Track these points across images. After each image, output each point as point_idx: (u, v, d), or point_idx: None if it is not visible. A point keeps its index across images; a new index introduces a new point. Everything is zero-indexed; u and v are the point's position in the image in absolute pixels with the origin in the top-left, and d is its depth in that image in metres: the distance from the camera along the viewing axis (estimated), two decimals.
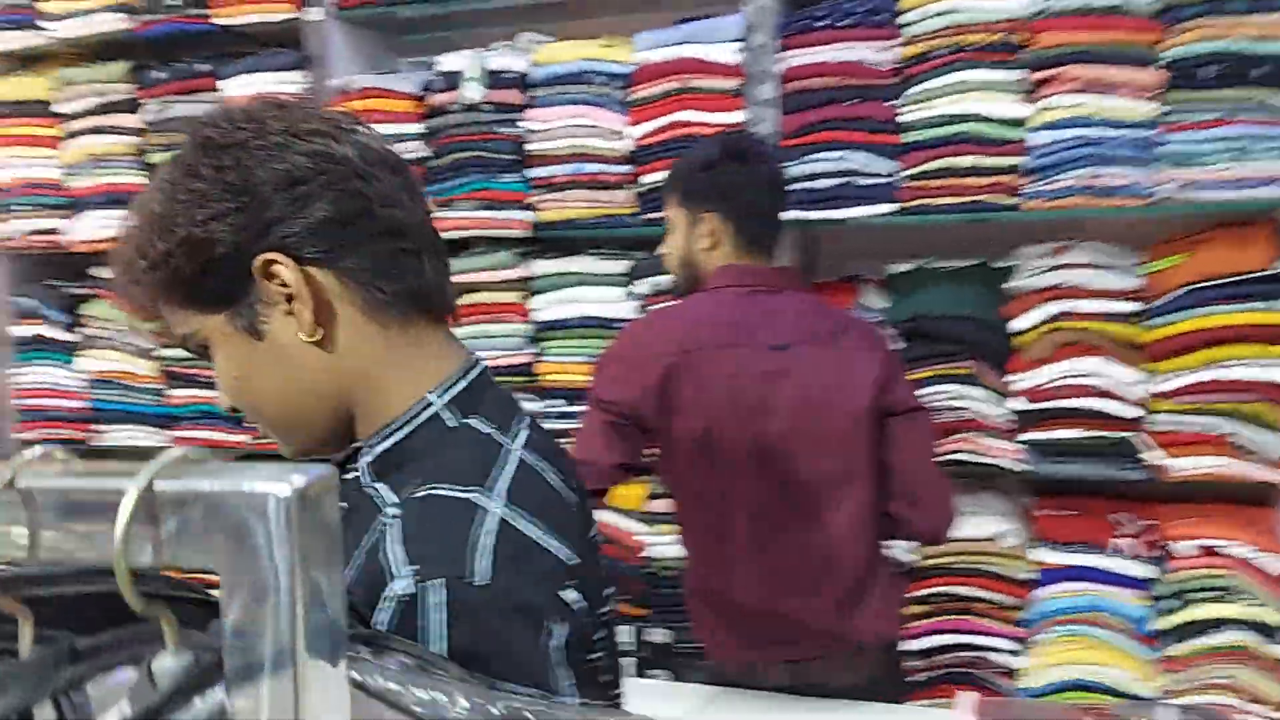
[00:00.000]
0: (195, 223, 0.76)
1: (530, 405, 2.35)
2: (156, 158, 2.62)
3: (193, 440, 2.70)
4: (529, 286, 2.37)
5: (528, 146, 2.32)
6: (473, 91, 2.32)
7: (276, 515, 0.37)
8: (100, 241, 2.68)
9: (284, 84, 2.48)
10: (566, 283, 2.33)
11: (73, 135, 2.68)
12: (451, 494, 0.75)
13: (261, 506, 0.37)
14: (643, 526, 2.32)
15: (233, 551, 0.37)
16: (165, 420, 2.72)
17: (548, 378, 2.36)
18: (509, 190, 2.34)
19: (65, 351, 2.78)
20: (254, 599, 0.37)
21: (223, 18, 2.49)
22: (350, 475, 0.84)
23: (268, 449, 2.46)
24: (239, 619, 0.38)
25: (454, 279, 0.88)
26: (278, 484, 0.37)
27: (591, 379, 1.76)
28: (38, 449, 0.44)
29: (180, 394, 2.69)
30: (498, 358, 2.37)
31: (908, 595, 2.15)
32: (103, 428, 2.78)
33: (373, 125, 0.85)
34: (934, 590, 2.18)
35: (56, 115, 2.70)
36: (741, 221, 1.71)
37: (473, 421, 0.82)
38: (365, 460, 0.83)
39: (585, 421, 1.73)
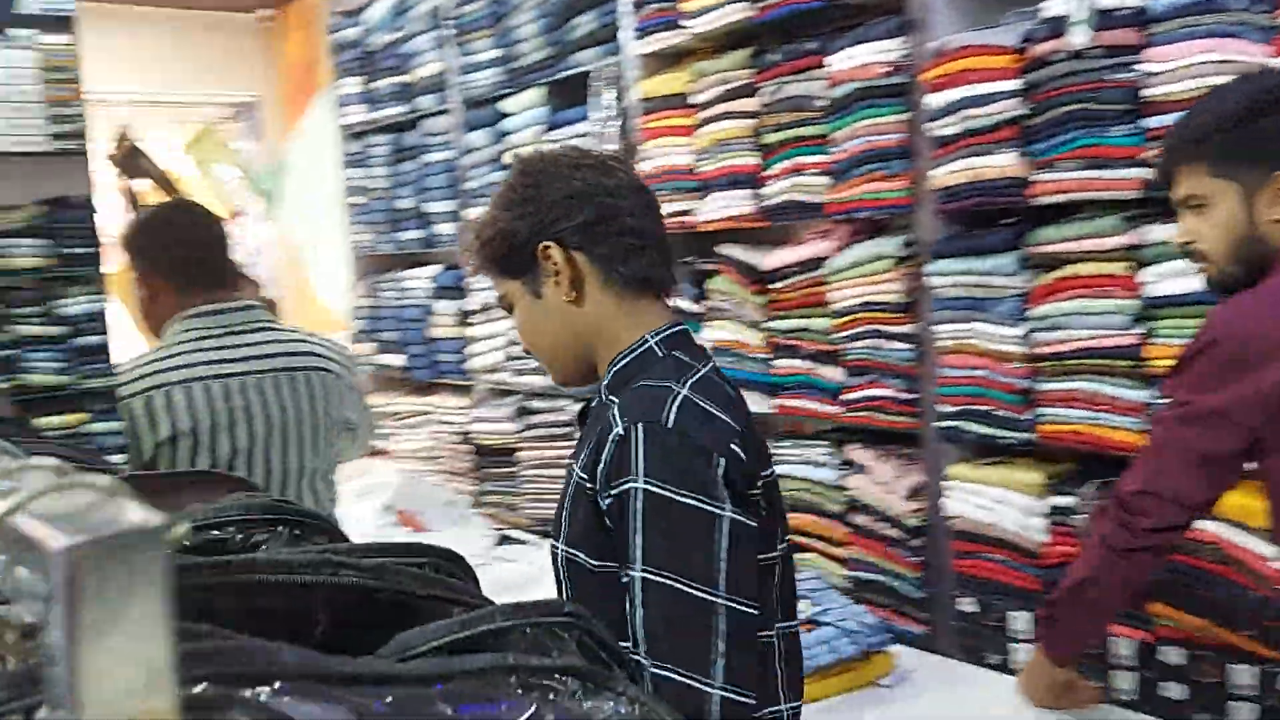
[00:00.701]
0: (506, 220, 1.19)
1: (1135, 395, 2.05)
2: (770, 138, 2.75)
3: (791, 409, 2.81)
4: (1138, 256, 2.03)
5: (1144, 92, 1.99)
6: (1080, 35, 2.05)
7: (57, 569, 0.30)
8: (722, 221, 2.89)
9: (883, 52, 2.43)
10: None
11: (704, 123, 2.92)
12: (652, 383, 1.13)
13: (42, 555, 0.31)
14: (1276, 550, 1.88)
15: (24, 603, 0.32)
16: (770, 388, 2.86)
17: (1157, 363, 2.01)
18: (1119, 145, 2.03)
19: (694, 321, 3.05)
20: (42, 659, 0.31)
21: None
22: (597, 401, 1.22)
23: (859, 422, 2.46)
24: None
25: (1049, 248, 1.41)
26: (60, 534, 0.30)
27: (1172, 384, 1.44)
28: (41, 459, 0.42)
29: (784, 364, 2.81)
30: (1095, 338, 2.09)
31: None
32: None
33: (969, 84, 1.23)
34: None
35: (692, 106, 2.96)
36: None
37: (675, 353, 1.18)
38: (603, 384, 1.21)
39: (1161, 439, 1.43)
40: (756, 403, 2.89)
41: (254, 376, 1.87)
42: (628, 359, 1.18)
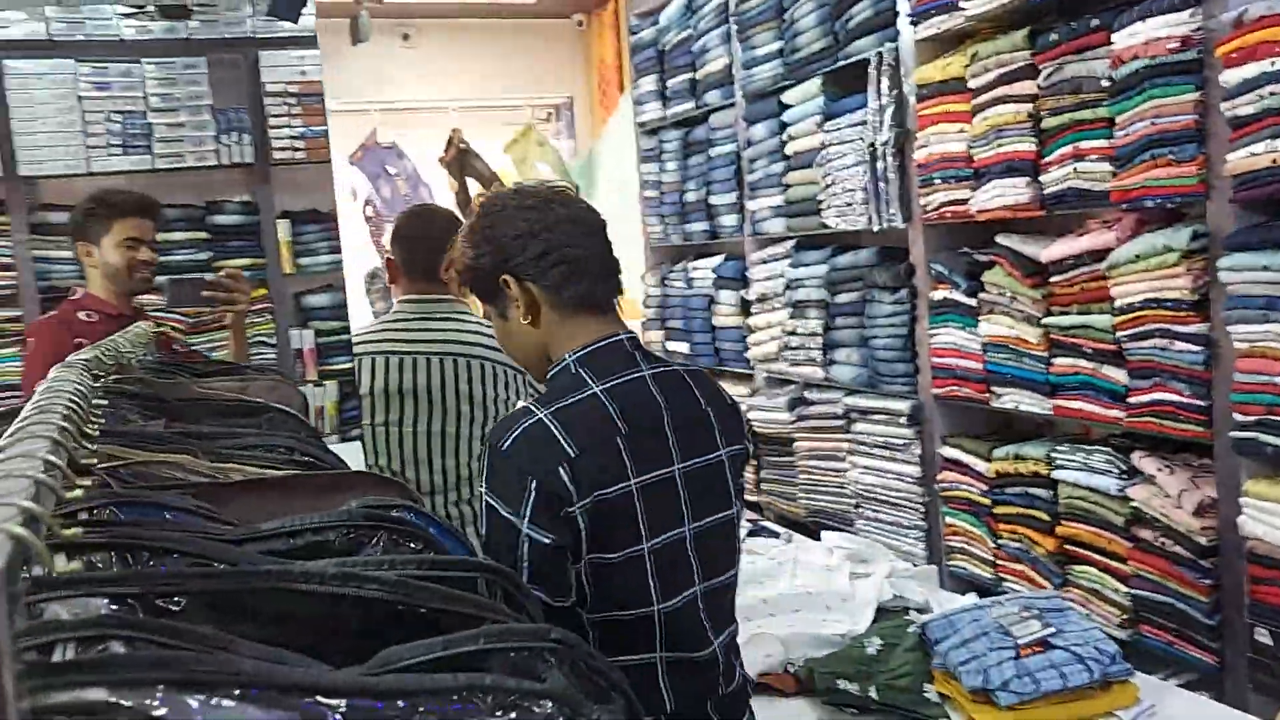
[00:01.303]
0: (471, 258, 1.41)
1: None
2: (1050, 122, 2.58)
3: (1070, 411, 2.63)
4: None
5: None
6: None
7: None
8: (998, 210, 2.75)
9: (1173, 26, 2.22)
10: None
11: (979, 109, 2.79)
12: (526, 405, 1.32)
13: None
14: None
15: None
16: (1048, 388, 2.69)
17: None
18: None
19: (969, 315, 2.93)
20: None
21: None
22: None
23: (1144, 429, 2.26)
24: None
25: None
26: None
27: None
28: None
29: (1063, 363, 2.63)
30: None
31: None
32: (997, 390, 2.87)
33: (1270, 58, 1.44)
34: None
35: (968, 90, 2.83)
36: None
37: (583, 371, 1.35)
38: None
39: None
40: (1033, 403, 2.74)
41: (421, 357, 2.25)
42: (553, 372, 1.38)
